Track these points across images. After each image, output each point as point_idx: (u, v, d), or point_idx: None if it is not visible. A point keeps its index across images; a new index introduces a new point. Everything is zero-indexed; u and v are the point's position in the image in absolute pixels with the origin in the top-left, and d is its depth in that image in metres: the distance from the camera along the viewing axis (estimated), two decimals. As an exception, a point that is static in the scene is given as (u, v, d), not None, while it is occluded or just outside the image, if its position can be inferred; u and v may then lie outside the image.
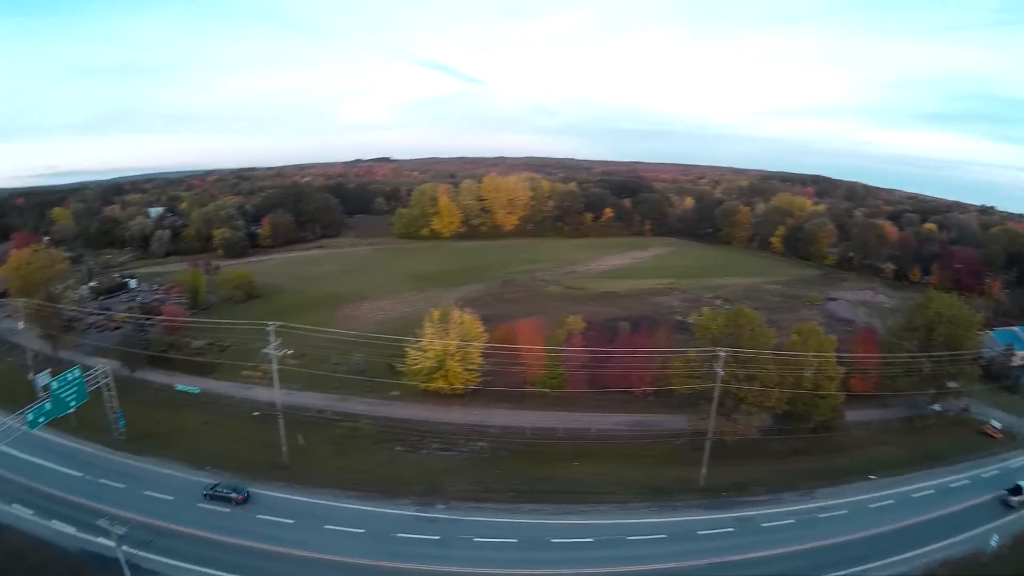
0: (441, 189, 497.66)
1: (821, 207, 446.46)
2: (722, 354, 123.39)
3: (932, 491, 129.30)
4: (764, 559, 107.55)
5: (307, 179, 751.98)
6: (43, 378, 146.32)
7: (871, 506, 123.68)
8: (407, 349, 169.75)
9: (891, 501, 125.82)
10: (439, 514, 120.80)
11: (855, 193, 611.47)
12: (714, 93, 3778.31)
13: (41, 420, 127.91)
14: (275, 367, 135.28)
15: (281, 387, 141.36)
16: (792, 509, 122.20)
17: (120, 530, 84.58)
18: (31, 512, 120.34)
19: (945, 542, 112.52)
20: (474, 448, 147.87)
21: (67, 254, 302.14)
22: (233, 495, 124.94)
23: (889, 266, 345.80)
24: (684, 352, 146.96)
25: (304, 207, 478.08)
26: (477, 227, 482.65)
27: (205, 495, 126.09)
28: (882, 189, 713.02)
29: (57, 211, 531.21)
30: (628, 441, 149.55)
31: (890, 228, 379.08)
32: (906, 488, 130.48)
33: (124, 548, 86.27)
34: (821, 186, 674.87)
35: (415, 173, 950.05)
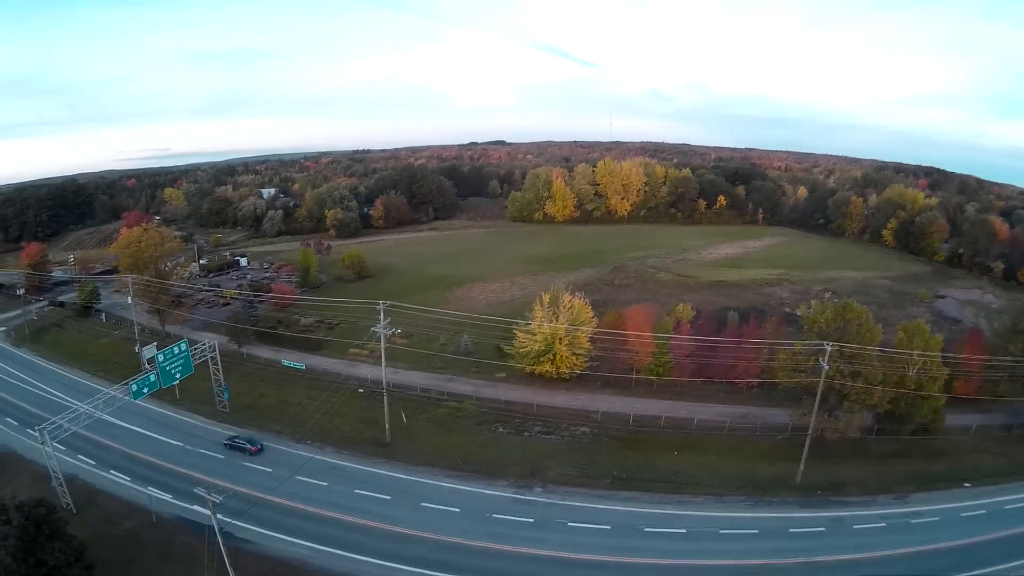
0: (555, 173, 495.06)
1: (933, 200, 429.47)
2: (828, 348, 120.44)
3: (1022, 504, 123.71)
4: (853, 562, 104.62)
5: (421, 161, 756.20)
6: (149, 351, 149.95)
7: (963, 515, 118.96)
8: (516, 331, 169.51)
9: (983, 511, 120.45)
10: (536, 497, 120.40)
11: (967, 187, 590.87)
12: (829, 80, 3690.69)
13: (145, 391, 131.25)
14: (383, 345, 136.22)
15: (388, 366, 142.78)
16: (885, 512, 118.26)
17: (216, 498, 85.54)
18: (128, 479, 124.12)
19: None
20: (576, 433, 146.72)
21: (178, 233, 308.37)
22: (247, 446, 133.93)
23: (999, 264, 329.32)
24: (790, 345, 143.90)
25: (418, 189, 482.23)
26: (591, 212, 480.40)
27: (225, 445, 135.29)
28: (995, 184, 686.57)
29: (169, 191, 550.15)
30: (729, 433, 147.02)
31: (1001, 225, 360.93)
32: (1000, 499, 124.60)
33: (219, 516, 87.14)
34: (934, 178, 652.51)
35: (529, 156, 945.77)
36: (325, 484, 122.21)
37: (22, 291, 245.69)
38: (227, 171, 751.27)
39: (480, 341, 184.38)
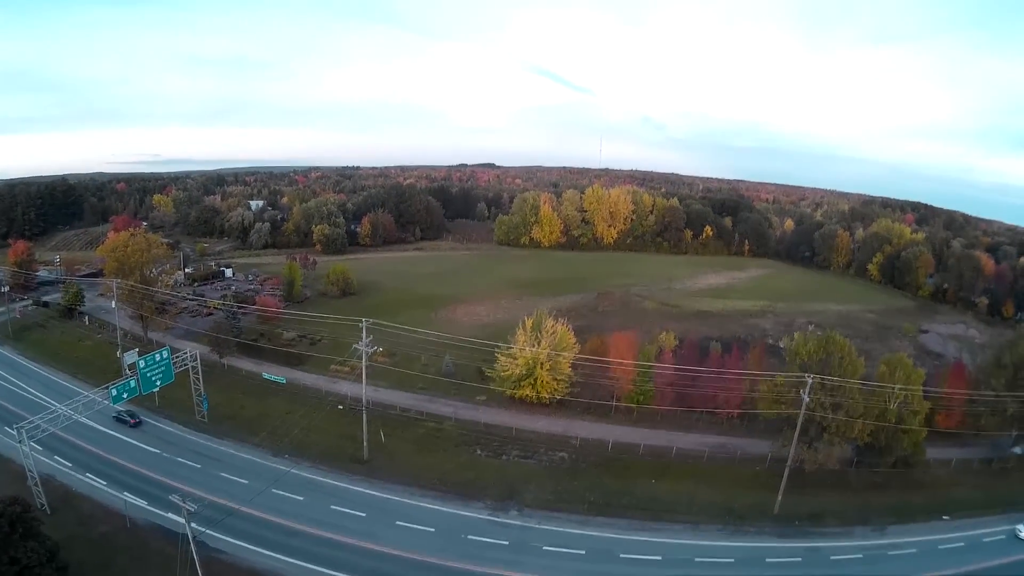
0: (544, 198, 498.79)
1: (920, 235, 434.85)
2: (809, 380, 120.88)
3: (1003, 536, 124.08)
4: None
5: (410, 181, 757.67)
6: (130, 356, 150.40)
7: (940, 547, 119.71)
8: (498, 355, 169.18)
9: (961, 544, 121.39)
10: (512, 520, 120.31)
11: (954, 222, 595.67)
12: (821, 111, 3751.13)
13: (125, 396, 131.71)
14: (364, 363, 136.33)
15: (369, 384, 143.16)
16: (862, 544, 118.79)
17: (191, 507, 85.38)
18: (104, 482, 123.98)
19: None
20: (554, 458, 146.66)
21: (165, 240, 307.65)
22: (128, 419, 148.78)
23: (983, 300, 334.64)
24: (772, 376, 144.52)
25: (406, 208, 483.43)
26: (577, 238, 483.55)
27: (113, 418, 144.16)
28: (982, 220, 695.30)
29: (158, 197, 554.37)
30: (708, 462, 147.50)
31: (987, 260, 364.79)
32: (978, 531, 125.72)
33: (193, 525, 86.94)
34: (921, 213, 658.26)
35: (518, 180, 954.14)
36: (301, 498, 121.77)
37: (7, 289, 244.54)
38: (216, 180, 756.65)
39: (462, 363, 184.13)
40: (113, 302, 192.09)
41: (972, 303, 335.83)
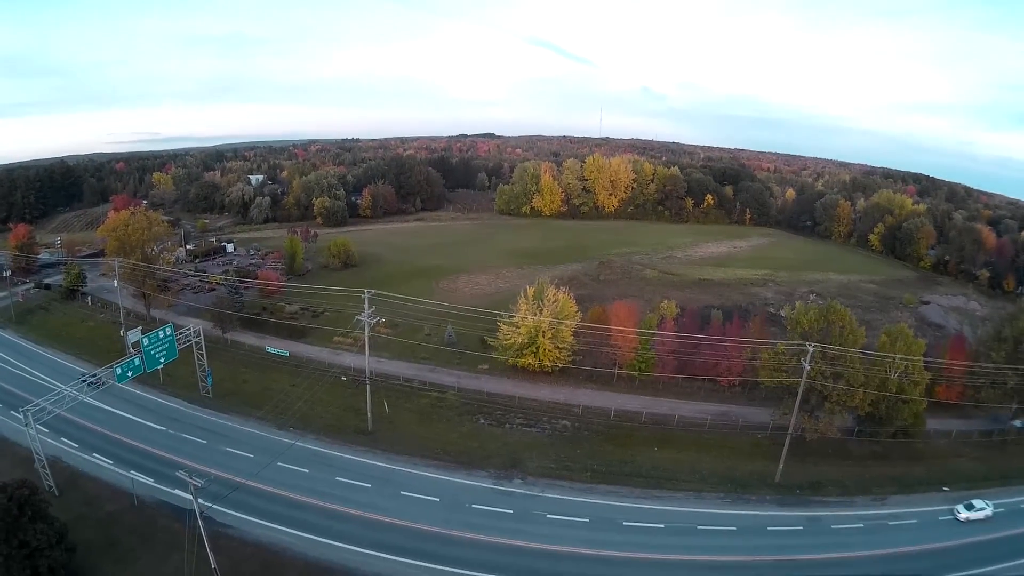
0: (544, 167, 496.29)
1: (921, 207, 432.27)
2: (810, 349, 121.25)
3: (1002, 510, 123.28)
4: (828, 561, 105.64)
5: (410, 152, 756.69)
6: (134, 335, 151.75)
7: (940, 519, 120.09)
8: (500, 324, 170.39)
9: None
10: (516, 488, 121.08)
11: (956, 195, 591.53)
12: (822, 83, 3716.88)
13: (129, 375, 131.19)
14: (367, 334, 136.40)
15: (372, 355, 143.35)
16: (863, 513, 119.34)
17: (198, 482, 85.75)
18: (111, 462, 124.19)
19: (1001, 565, 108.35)
20: (557, 426, 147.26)
21: (165, 218, 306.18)
22: (95, 381, 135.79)
23: (984, 273, 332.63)
24: (773, 344, 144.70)
25: (406, 179, 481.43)
26: (578, 207, 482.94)
27: (83, 380, 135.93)
28: (983, 193, 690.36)
29: (157, 175, 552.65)
30: (710, 431, 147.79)
31: (988, 233, 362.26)
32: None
33: (200, 500, 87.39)
34: (923, 185, 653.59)
35: (518, 150, 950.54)
36: (306, 471, 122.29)
37: (9, 273, 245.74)
38: (216, 157, 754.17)
39: (464, 332, 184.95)
40: (115, 282, 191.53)
41: (973, 276, 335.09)
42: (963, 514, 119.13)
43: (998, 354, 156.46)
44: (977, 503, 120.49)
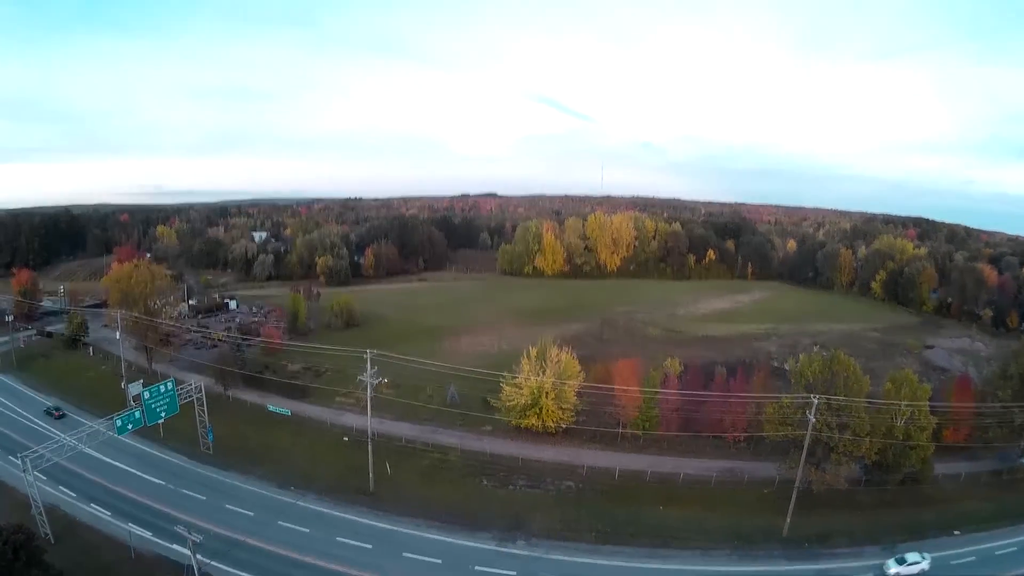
0: (546, 226, 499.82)
1: (922, 250, 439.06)
2: (815, 401, 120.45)
3: (1015, 548, 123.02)
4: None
5: (413, 211, 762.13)
6: (135, 387, 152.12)
7: (952, 563, 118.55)
8: (503, 384, 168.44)
9: (973, 558, 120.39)
10: (520, 550, 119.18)
11: (956, 235, 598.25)
12: (819, 130, 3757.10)
13: (129, 427, 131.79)
14: (369, 394, 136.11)
15: (374, 415, 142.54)
16: (872, 563, 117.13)
17: (196, 538, 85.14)
18: (109, 513, 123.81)
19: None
20: (561, 487, 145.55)
21: (169, 271, 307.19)
22: (55, 412, 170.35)
23: (987, 311, 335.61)
24: (777, 398, 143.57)
25: (409, 239, 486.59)
26: (580, 266, 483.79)
27: (44, 411, 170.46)
28: (984, 231, 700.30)
29: (161, 229, 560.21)
30: (716, 487, 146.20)
31: (990, 272, 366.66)
32: (990, 544, 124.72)
33: (198, 556, 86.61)
34: (923, 228, 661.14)
35: (520, 209, 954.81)
36: (307, 530, 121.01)
37: (11, 318, 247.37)
38: (220, 212, 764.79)
39: (467, 393, 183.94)
40: (117, 333, 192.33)
41: (976, 315, 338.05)
42: (892, 570, 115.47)
43: (1004, 392, 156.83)
44: (911, 556, 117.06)
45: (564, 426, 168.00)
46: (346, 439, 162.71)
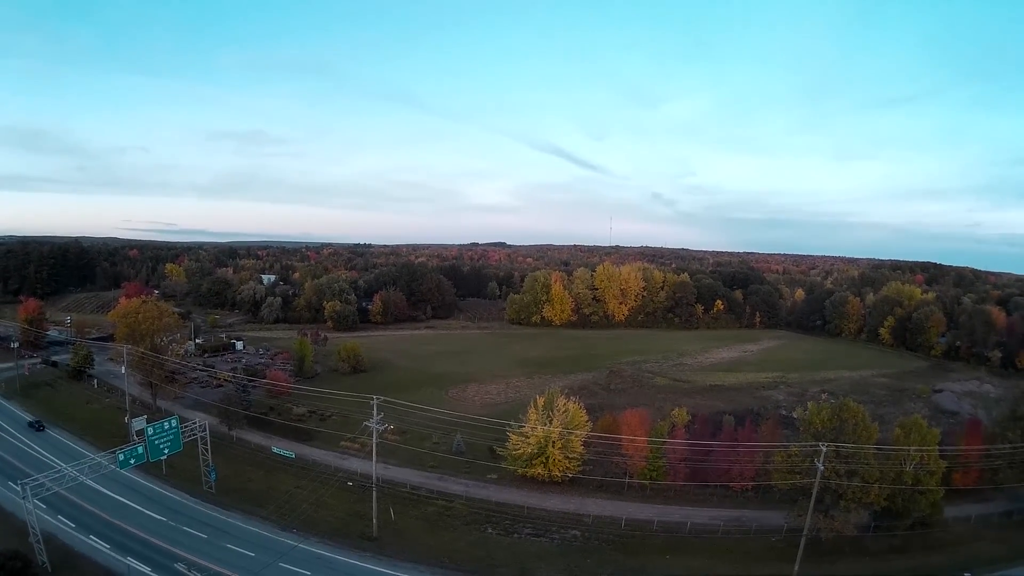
0: (554, 276, 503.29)
1: (930, 295, 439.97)
2: (823, 449, 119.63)
3: None
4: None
5: (422, 259, 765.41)
6: (139, 423, 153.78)
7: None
8: (509, 434, 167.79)
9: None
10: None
11: (964, 279, 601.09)
12: (826, 179, 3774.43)
13: (132, 462, 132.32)
14: (375, 440, 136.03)
15: (379, 461, 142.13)
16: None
17: (196, 575, 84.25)
18: (108, 546, 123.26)
19: None
20: (567, 536, 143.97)
21: (176, 309, 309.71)
22: (37, 426, 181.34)
23: (996, 353, 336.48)
24: (785, 447, 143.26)
25: (417, 287, 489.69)
26: (588, 316, 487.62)
27: (28, 424, 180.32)
28: (991, 273, 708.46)
29: (171, 266, 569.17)
30: (723, 536, 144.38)
31: (998, 313, 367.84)
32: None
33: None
34: (931, 273, 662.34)
35: (529, 259, 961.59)
36: (308, 573, 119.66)
37: (17, 345, 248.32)
38: (229, 253, 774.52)
39: (473, 441, 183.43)
40: (123, 367, 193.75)
41: (985, 358, 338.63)
42: None
43: (1014, 433, 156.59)
44: None
45: (570, 475, 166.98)
46: (350, 484, 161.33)
